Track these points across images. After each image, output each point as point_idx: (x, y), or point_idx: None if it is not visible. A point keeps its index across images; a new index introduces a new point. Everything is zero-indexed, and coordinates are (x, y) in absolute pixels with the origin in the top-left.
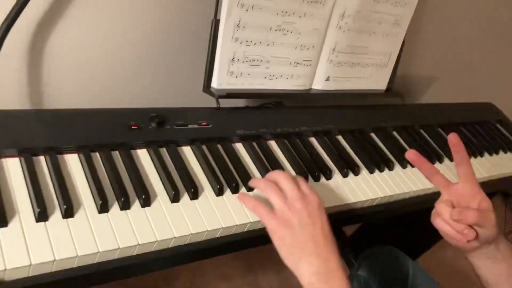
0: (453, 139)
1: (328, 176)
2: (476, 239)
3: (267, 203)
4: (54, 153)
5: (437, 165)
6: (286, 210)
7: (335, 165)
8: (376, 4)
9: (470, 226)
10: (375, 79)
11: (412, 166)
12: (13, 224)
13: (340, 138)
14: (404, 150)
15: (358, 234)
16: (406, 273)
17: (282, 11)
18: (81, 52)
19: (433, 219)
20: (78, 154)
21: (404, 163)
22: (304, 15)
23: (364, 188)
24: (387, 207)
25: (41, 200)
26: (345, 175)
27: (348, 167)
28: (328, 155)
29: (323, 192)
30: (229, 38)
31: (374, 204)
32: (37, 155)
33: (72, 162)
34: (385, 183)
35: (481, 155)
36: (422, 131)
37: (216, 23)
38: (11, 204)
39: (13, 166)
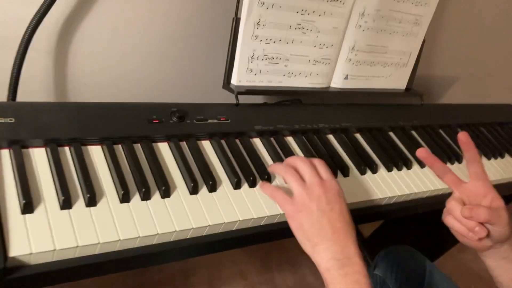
0: (462, 137)
1: (346, 173)
2: (487, 237)
3: (287, 191)
4: (78, 144)
5: (456, 165)
6: (305, 195)
7: (352, 162)
8: (396, 4)
9: (482, 224)
10: (394, 79)
11: None
12: (38, 211)
13: (358, 136)
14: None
15: (376, 235)
16: (422, 273)
17: (302, 10)
18: (105, 49)
19: (444, 217)
20: (101, 146)
21: (422, 162)
22: (324, 14)
23: (382, 186)
24: (404, 205)
25: (65, 188)
26: (362, 172)
27: (365, 165)
28: (345, 152)
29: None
30: (249, 36)
31: (391, 202)
32: (62, 145)
33: (96, 153)
34: (403, 181)
35: (501, 156)
36: (441, 131)
37: (236, 21)
38: (37, 192)
39: (40, 156)
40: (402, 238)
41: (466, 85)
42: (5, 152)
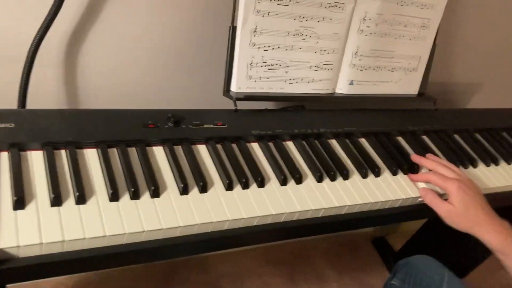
0: (415, 159)
1: (345, 176)
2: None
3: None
4: (73, 146)
5: (470, 169)
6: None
7: (354, 165)
8: (399, 7)
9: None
10: (405, 84)
11: None
12: (30, 207)
13: (363, 140)
14: (433, 154)
15: (406, 248)
16: (440, 281)
17: (299, 16)
18: (110, 61)
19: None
20: (97, 149)
21: None
22: (323, 20)
23: (385, 189)
24: (412, 209)
25: (56, 187)
26: (364, 175)
27: (368, 168)
28: (347, 155)
29: (337, 191)
30: (247, 43)
31: (396, 206)
32: (58, 149)
33: (91, 156)
34: (409, 185)
35: None
36: (456, 136)
37: (233, 30)
38: (30, 190)
39: (36, 158)
40: (432, 251)
41: (491, 91)
42: (4, 155)
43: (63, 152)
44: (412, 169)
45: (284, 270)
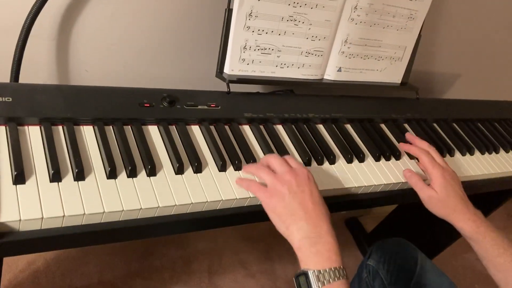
0: (404, 147)
1: (332, 161)
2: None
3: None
4: (71, 123)
5: (448, 158)
6: (276, 182)
7: (340, 150)
8: None
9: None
10: (389, 72)
11: None
12: (30, 182)
13: (348, 126)
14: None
15: (378, 229)
16: (414, 263)
17: (294, 2)
18: (105, 37)
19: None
20: (93, 126)
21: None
22: (316, 7)
23: (368, 174)
24: (390, 194)
25: (55, 163)
26: (349, 161)
27: (353, 154)
28: (334, 141)
29: (324, 175)
30: (241, 26)
31: (378, 190)
32: (56, 124)
33: (87, 133)
34: (390, 171)
35: (496, 151)
36: (435, 125)
37: (229, 12)
38: (30, 165)
39: (34, 133)
40: (402, 233)
41: (470, 82)
42: (2, 129)
43: (60, 128)
44: (394, 156)
45: (260, 247)
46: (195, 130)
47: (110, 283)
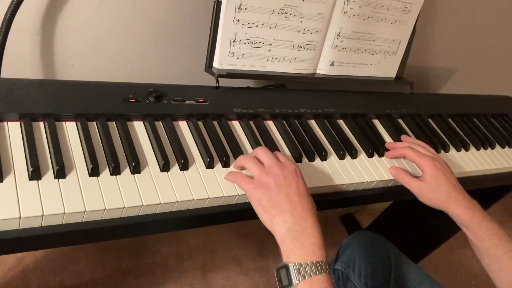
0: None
1: (323, 157)
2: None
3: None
4: (52, 119)
5: (442, 154)
6: (263, 175)
7: (332, 147)
8: None
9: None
10: (384, 67)
11: None
12: (8, 181)
13: (341, 122)
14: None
15: (374, 226)
16: (388, 262)
17: None
18: (91, 31)
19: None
20: (76, 122)
21: None
22: None
23: (361, 171)
24: (383, 191)
25: (35, 160)
26: (341, 157)
27: (345, 150)
28: (326, 137)
29: (315, 172)
30: (231, 19)
31: (370, 187)
32: (37, 121)
33: (70, 129)
34: (384, 168)
35: (492, 147)
36: (430, 120)
37: (218, 5)
38: (8, 163)
39: (14, 130)
40: (399, 229)
41: (465, 77)
42: None
43: (41, 124)
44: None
45: (253, 244)
46: (183, 126)
47: (102, 280)
